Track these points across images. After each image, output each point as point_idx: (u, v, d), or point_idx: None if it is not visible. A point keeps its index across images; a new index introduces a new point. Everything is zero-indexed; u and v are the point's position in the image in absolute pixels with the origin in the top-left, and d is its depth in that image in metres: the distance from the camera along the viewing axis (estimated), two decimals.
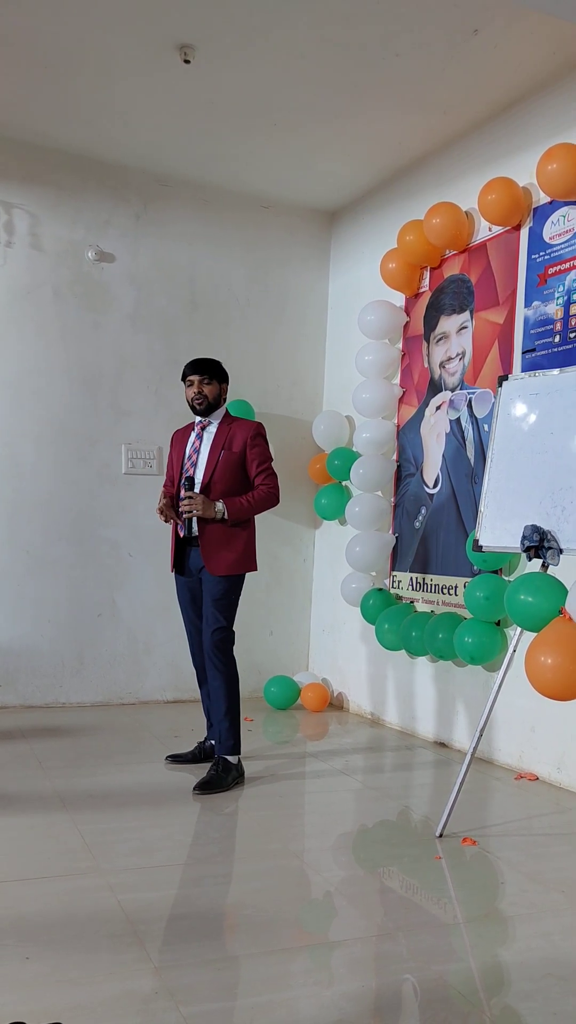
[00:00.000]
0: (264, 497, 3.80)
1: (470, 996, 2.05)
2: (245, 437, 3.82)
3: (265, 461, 3.85)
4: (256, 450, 3.83)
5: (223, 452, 3.80)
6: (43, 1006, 1.90)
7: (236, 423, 3.89)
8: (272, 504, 3.83)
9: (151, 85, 4.28)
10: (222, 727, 3.71)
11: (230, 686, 3.74)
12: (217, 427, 3.87)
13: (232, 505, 3.72)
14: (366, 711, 5.21)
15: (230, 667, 3.75)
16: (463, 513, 4.45)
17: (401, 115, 4.46)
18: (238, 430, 3.84)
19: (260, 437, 3.87)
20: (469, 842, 3.07)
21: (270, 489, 3.81)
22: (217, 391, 3.87)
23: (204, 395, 3.84)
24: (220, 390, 3.88)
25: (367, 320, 5.01)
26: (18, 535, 5.02)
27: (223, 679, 3.73)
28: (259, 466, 3.82)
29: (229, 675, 3.74)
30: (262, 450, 3.86)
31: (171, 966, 2.11)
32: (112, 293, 5.26)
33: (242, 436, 3.82)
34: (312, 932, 2.39)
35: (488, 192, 4.13)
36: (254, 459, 3.82)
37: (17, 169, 5.01)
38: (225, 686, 3.73)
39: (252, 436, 3.83)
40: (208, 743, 3.94)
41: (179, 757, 3.95)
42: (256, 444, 3.84)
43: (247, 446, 3.81)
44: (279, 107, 4.44)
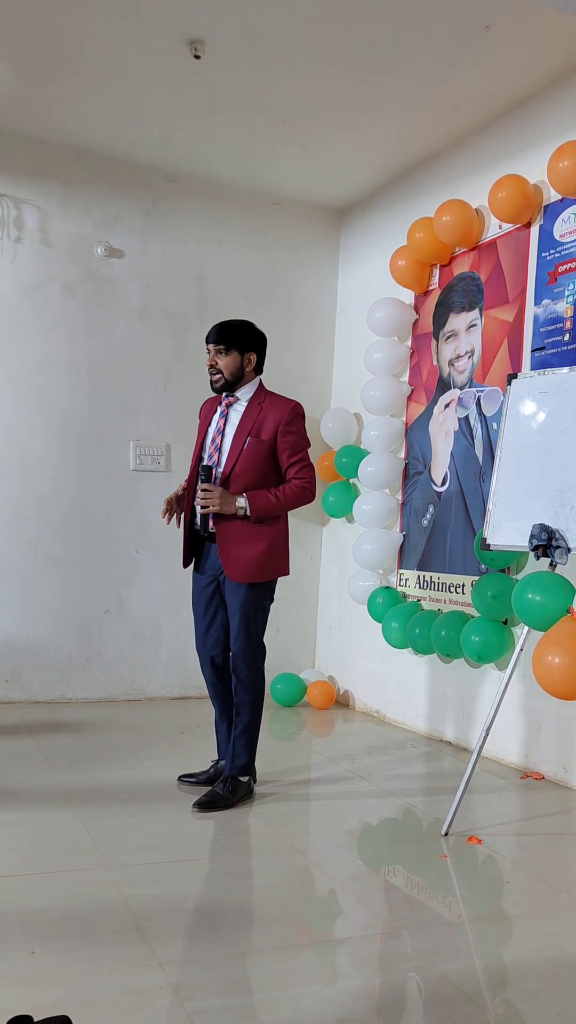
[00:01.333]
0: (296, 494, 3.24)
1: (474, 995, 2.04)
2: (278, 421, 3.22)
3: (300, 450, 3.26)
4: (290, 437, 3.23)
5: (249, 439, 3.22)
6: (48, 1000, 1.90)
7: (269, 401, 3.28)
8: (306, 501, 3.28)
9: (161, 80, 4.28)
10: (237, 743, 3.36)
11: (257, 703, 3.38)
12: (246, 406, 3.28)
13: (257, 501, 3.18)
14: (372, 709, 5.21)
15: (258, 683, 3.38)
16: (471, 511, 4.44)
17: (411, 112, 4.45)
18: (271, 411, 3.24)
19: (298, 420, 3.27)
20: (474, 841, 3.06)
21: (303, 484, 3.25)
22: (238, 363, 3.25)
23: (219, 369, 3.25)
24: (243, 361, 3.26)
25: (376, 317, 5.00)
26: (25, 531, 5.03)
27: (248, 696, 3.36)
28: (291, 456, 3.24)
29: (256, 692, 3.38)
30: (297, 437, 3.25)
31: (176, 962, 2.11)
32: (121, 289, 5.26)
33: (274, 420, 3.23)
34: (317, 929, 2.39)
35: (498, 190, 4.11)
36: (286, 448, 3.24)
37: (26, 164, 5.02)
38: (249, 704, 3.37)
39: (287, 421, 3.23)
40: (221, 763, 3.56)
41: (191, 777, 3.56)
42: (291, 431, 3.24)
43: (279, 432, 3.22)
44: (289, 103, 4.43)
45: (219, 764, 3.57)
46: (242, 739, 3.38)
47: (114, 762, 3.77)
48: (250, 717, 3.38)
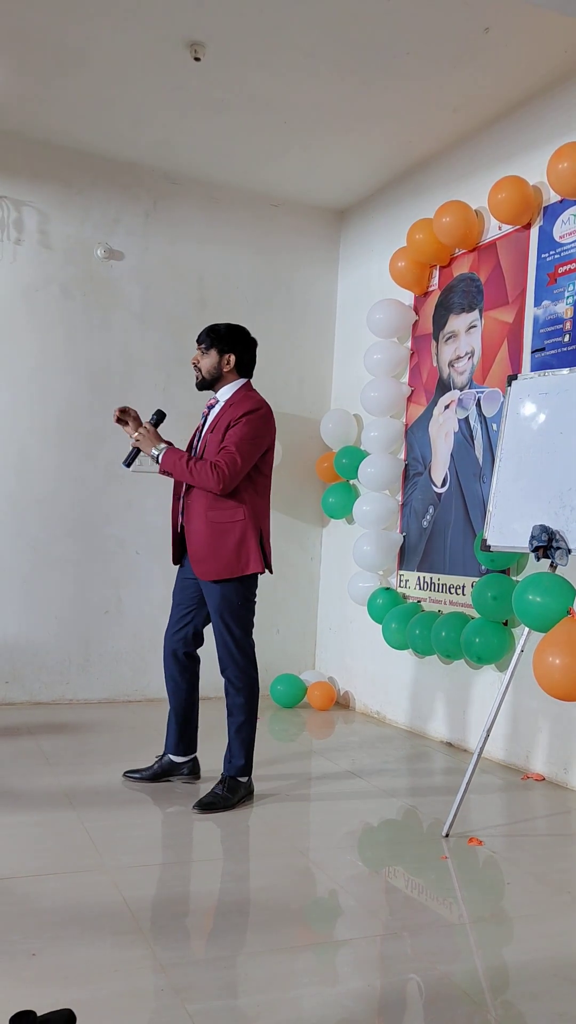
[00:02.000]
0: (204, 470, 3.18)
1: (475, 996, 2.04)
2: (232, 417, 3.26)
3: (232, 443, 3.20)
4: (234, 429, 3.22)
5: (210, 435, 3.30)
6: (49, 1002, 1.90)
7: (238, 402, 3.30)
8: (208, 483, 3.19)
9: (161, 83, 4.28)
10: (233, 744, 3.36)
11: (249, 703, 3.36)
12: (222, 406, 3.34)
13: (170, 455, 3.24)
14: (372, 710, 5.20)
15: (248, 684, 3.36)
16: (471, 512, 4.44)
17: (411, 113, 4.45)
18: (234, 409, 3.28)
19: (247, 416, 3.24)
20: (475, 842, 3.06)
21: (217, 466, 3.17)
22: (216, 362, 3.32)
23: (197, 368, 3.36)
24: (221, 361, 3.33)
25: (376, 319, 5.01)
26: (25, 532, 5.03)
27: (242, 698, 3.35)
28: (224, 443, 3.22)
29: (248, 693, 3.36)
30: (238, 431, 3.22)
31: (176, 963, 2.11)
32: (120, 291, 5.27)
33: (230, 416, 3.27)
34: (317, 931, 2.39)
35: (498, 191, 4.11)
36: (227, 439, 3.23)
37: (26, 166, 5.02)
38: (244, 704, 3.35)
39: (237, 418, 3.24)
40: (165, 758, 3.58)
41: (136, 773, 3.58)
42: (237, 424, 3.23)
43: (229, 426, 3.25)
44: (289, 105, 4.44)
45: (163, 759, 3.58)
46: (237, 740, 3.36)
47: (115, 763, 3.77)
48: (244, 717, 3.36)
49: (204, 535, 3.27)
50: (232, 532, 3.27)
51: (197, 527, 3.30)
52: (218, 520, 3.27)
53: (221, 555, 3.26)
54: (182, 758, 3.59)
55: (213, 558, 3.27)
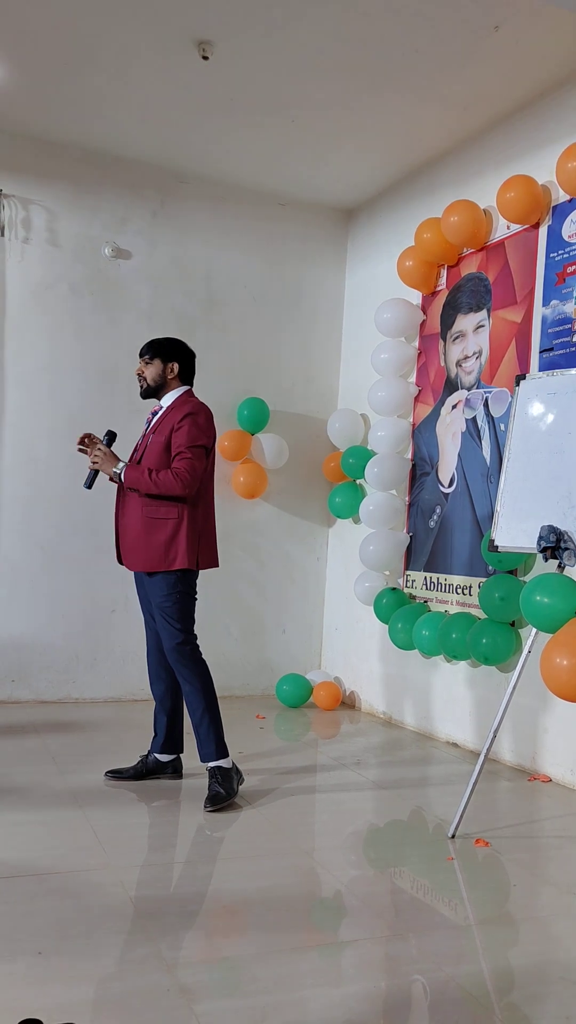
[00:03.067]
0: (167, 478, 3.32)
1: (481, 999, 2.04)
2: (173, 420, 3.40)
3: (183, 446, 3.35)
4: (179, 433, 3.37)
5: (152, 436, 3.46)
6: (55, 1002, 1.90)
7: (180, 406, 3.46)
8: (175, 489, 3.32)
9: (169, 81, 4.28)
10: (199, 732, 3.42)
11: (203, 690, 3.41)
12: (164, 411, 3.50)
13: (132, 470, 3.36)
14: (378, 710, 5.20)
15: (197, 670, 3.42)
16: (478, 513, 4.43)
17: (420, 112, 4.44)
18: (175, 413, 3.43)
19: (188, 418, 3.38)
20: (482, 843, 3.05)
21: (178, 473, 3.32)
22: (159, 371, 3.49)
23: (143, 376, 3.52)
24: (164, 370, 3.50)
25: (383, 318, 5.00)
26: (33, 531, 5.04)
27: (192, 684, 3.41)
28: (176, 449, 3.36)
29: (199, 678, 3.42)
30: (185, 432, 3.36)
31: (183, 963, 2.11)
32: (128, 290, 5.27)
33: (171, 420, 3.41)
34: (323, 931, 2.39)
35: (507, 190, 4.10)
36: (175, 443, 3.37)
37: (35, 165, 5.03)
38: (197, 691, 3.41)
39: (179, 419, 3.38)
40: (151, 757, 3.65)
41: (120, 773, 3.62)
42: (181, 426, 3.37)
43: (172, 430, 3.39)
44: (297, 104, 4.43)
45: (149, 758, 3.65)
46: (202, 727, 3.42)
47: (121, 762, 3.77)
48: (203, 703, 3.41)
49: (137, 529, 3.42)
50: (164, 528, 3.40)
51: (132, 522, 3.44)
52: (153, 516, 3.40)
53: (150, 548, 3.40)
54: (168, 756, 3.67)
55: (143, 549, 3.41)
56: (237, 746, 4.14)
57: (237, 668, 5.50)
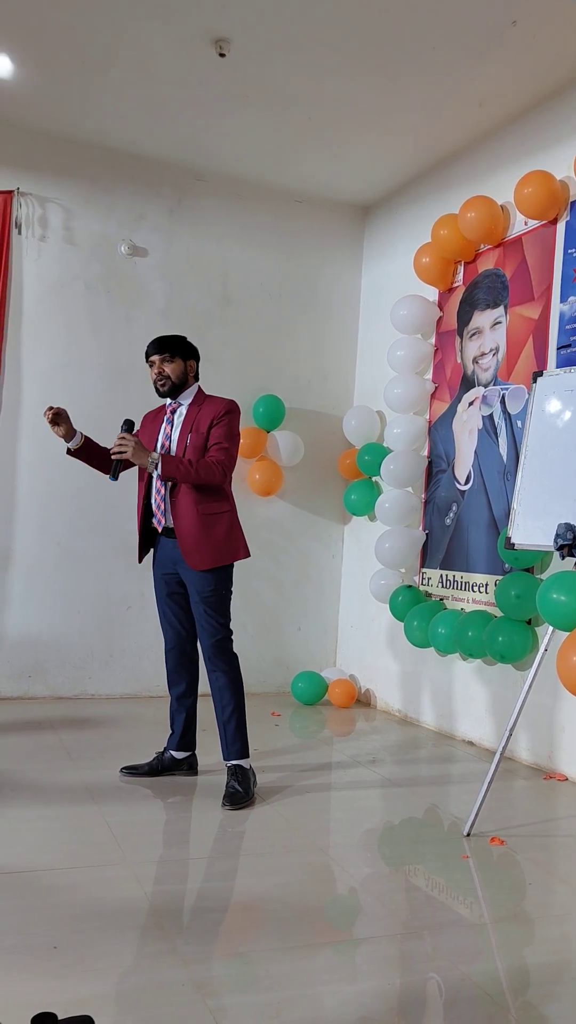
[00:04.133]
0: (206, 466, 3.35)
1: (496, 997, 2.03)
2: (213, 416, 3.46)
3: (222, 439, 3.44)
4: (219, 428, 3.44)
5: (191, 436, 3.46)
6: (70, 996, 1.91)
7: (208, 402, 3.53)
8: (213, 478, 3.36)
9: (186, 79, 4.28)
10: (228, 729, 3.45)
11: (235, 686, 3.47)
12: (187, 409, 3.53)
13: (169, 461, 3.31)
14: (394, 708, 5.19)
15: (233, 665, 3.48)
16: (495, 510, 4.41)
17: (436, 108, 4.42)
18: (208, 409, 3.49)
19: (228, 415, 3.47)
20: (497, 842, 3.04)
21: (216, 461, 3.37)
22: (182, 369, 3.53)
23: (166, 375, 3.52)
24: (186, 368, 3.54)
25: (400, 315, 4.98)
26: (49, 528, 5.06)
27: (227, 679, 3.46)
28: (215, 441, 3.43)
29: (233, 675, 3.48)
30: (224, 428, 3.45)
31: (197, 959, 2.11)
32: (144, 287, 5.28)
33: (209, 415, 3.46)
34: (337, 928, 2.38)
35: (524, 185, 4.08)
36: (213, 436, 3.44)
37: (51, 163, 5.04)
38: (231, 686, 3.46)
39: (219, 414, 3.46)
40: (167, 754, 3.67)
41: (135, 769, 3.63)
42: (221, 422, 3.45)
43: (212, 425, 3.45)
44: (313, 100, 4.42)
45: (164, 755, 3.66)
46: (231, 724, 3.45)
47: (136, 758, 3.78)
48: (234, 701, 3.45)
49: (196, 528, 3.40)
50: (221, 522, 3.45)
51: (189, 522, 3.41)
52: (208, 512, 3.42)
53: (213, 544, 3.42)
54: (184, 754, 3.68)
55: (206, 547, 3.41)
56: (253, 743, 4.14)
57: (253, 665, 5.49)
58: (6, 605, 4.98)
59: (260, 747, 4.13)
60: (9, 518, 4.99)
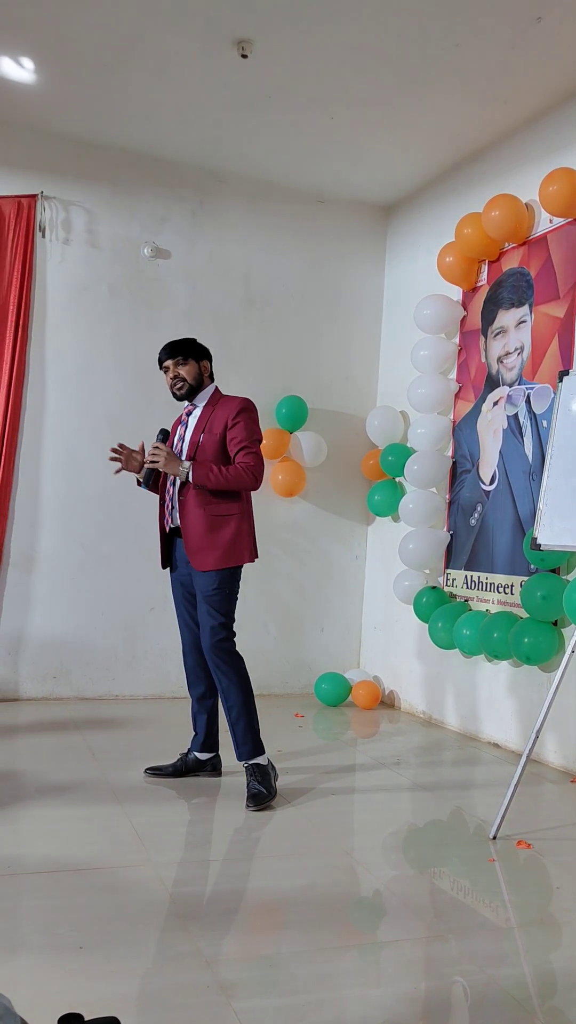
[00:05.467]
0: (238, 473, 3.35)
1: (523, 1001, 2.01)
2: (227, 416, 3.43)
3: (245, 440, 3.40)
4: (237, 428, 3.41)
5: (203, 436, 3.44)
6: (96, 996, 1.91)
7: (222, 402, 3.50)
8: (247, 484, 3.37)
9: (208, 80, 4.29)
10: (236, 730, 3.41)
11: (240, 685, 3.41)
12: (202, 410, 3.52)
13: (200, 467, 3.33)
14: (418, 710, 5.16)
15: (236, 665, 3.43)
16: (520, 511, 4.38)
17: (460, 106, 4.40)
18: (222, 409, 3.46)
19: (244, 413, 3.44)
20: (524, 845, 3.01)
21: (247, 467, 3.36)
22: (196, 371, 3.52)
23: (182, 378, 3.51)
24: (200, 369, 3.54)
25: (423, 314, 4.96)
26: (73, 529, 5.08)
27: (230, 679, 3.41)
28: (239, 444, 3.39)
29: (237, 674, 3.42)
30: (243, 427, 3.41)
31: (222, 961, 2.11)
32: (167, 289, 5.29)
33: (224, 416, 3.44)
34: (362, 931, 2.37)
35: (549, 183, 4.04)
36: (234, 438, 3.40)
37: (74, 166, 5.07)
38: (235, 687, 3.40)
39: (234, 414, 3.42)
40: (191, 756, 3.66)
41: (159, 770, 3.63)
42: (237, 421, 3.41)
43: (228, 425, 3.42)
44: (336, 101, 4.41)
45: (188, 756, 3.66)
46: (240, 724, 3.41)
47: (160, 759, 3.78)
48: (240, 698, 3.41)
49: (202, 528, 3.39)
50: (228, 524, 3.42)
51: (194, 521, 3.40)
52: (216, 513, 3.41)
53: (218, 546, 3.40)
54: (207, 755, 3.67)
55: (210, 548, 3.40)
56: (276, 744, 4.14)
57: (275, 666, 5.50)
58: (31, 607, 5.01)
59: (284, 748, 4.12)
60: (33, 521, 5.02)
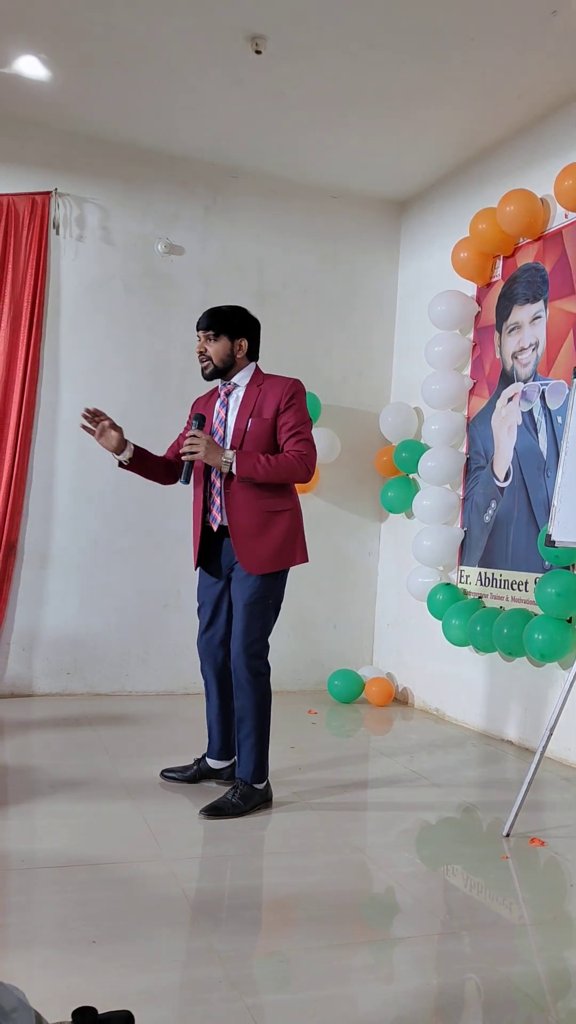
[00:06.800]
0: (290, 462, 3.03)
1: (536, 999, 2.00)
2: (278, 399, 3.09)
3: (298, 425, 3.08)
4: (289, 412, 3.08)
5: (251, 420, 3.10)
6: (108, 990, 1.91)
7: (268, 382, 3.16)
8: (299, 475, 3.05)
9: (221, 77, 4.28)
10: (244, 747, 3.17)
11: (260, 706, 3.16)
12: (245, 390, 3.17)
13: (245, 458, 3.00)
14: (431, 707, 5.15)
15: (262, 684, 3.16)
16: (534, 507, 4.36)
17: (474, 101, 4.37)
18: (270, 390, 3.12)
19: (297, 396, 3.11)
20: (537, 842, 3.00)
21: (300, 456, 3.04)
22: (228, 349, 3.15)
23: (207, 356, 3.16)
24: (232, 347, 3.15)
25: (438, 310, 4.94)
26: (86, 526, 5.10)
27: (253, 699, 3.15)
28: (291, 430, 3.07)
29: (261, 693, 3.16)
30: (296, 413, 3.09)
31: (234, 956, 2.11)
32: (181, 286, 5.29)
33: (275, 398, 3.10)
34: (375, 928, 2.36)
35: (565, 178, 4.02)
36: (285, 423, 3.07)
37: (88, 163, 5.08)
38: (254, 706, 3.15)
39: (287, 397, 3.09)
40: (204, 762, 3.47)
41: (173, 773, 3.47)
42: (290, 406, 3.08)
43: (279, 409, 3.09)
44: (350, 96, 4.40)
45: (203, 763, 3.46)
46: (247, 744, 3.18)
47: (173, 755, 3.79)
48: (255, 721, 3.16)
49: (254, 525, 3.09)
50: (282, 521, 3.13)
51: (245, 519, 3.09)
52: (271, 508, 3.11)
53: (273, 544, 3.10)
54: (224, 763, 3.48)
55: (263, 549, 3.09)
56: (288, 741, 4.15)
57: (288, 663, 5.50)
58: (44, 603, 5.02)
59: (296, 745, 4.12)
60: (47, 517, 5.04)
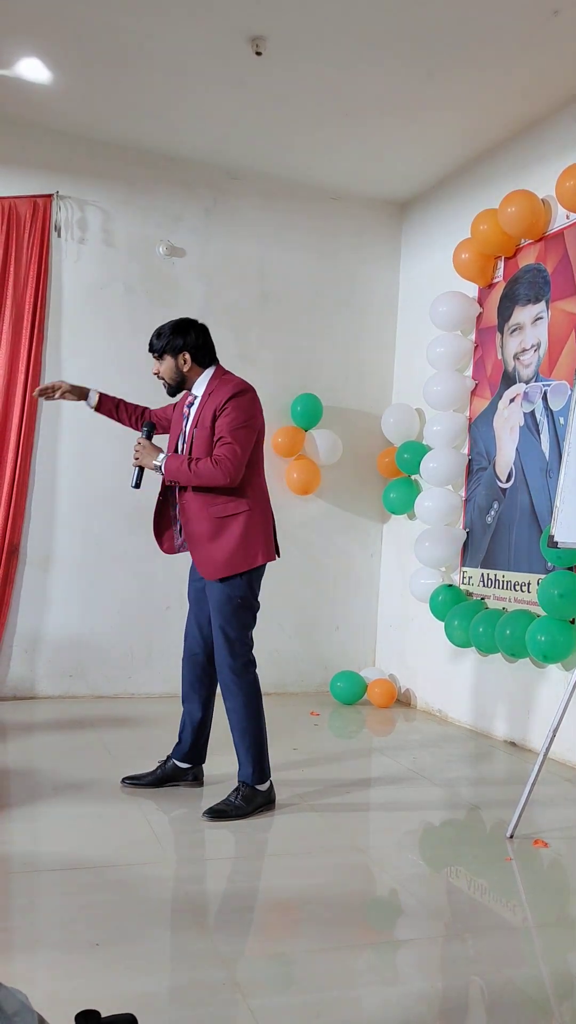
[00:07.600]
0: (207, 468, 3.03)
1: (540, 1002, 2.00)
2: (215, 406, 3.09)
3: (226, 431, 3.06)
4: (222, 418, 3.07)
5: (196, 431, 3.14)
6: (111, 993, 1.91)
7: (218, 389, 3.14)
8: (217, 479, 3.04)
9: (222, 78, 4.28)
10: (240, 751, 3.17)
11: (248, 707, 3.15)
12: (200, 399, 3.18)
13: (172, 462, 3.07)
14: (434, 708, 5.14)
15: (246, 683, 3.15)
16: (537, 508, 4.35)
17: (476, 101, 4.37)
18: (213, 398, 3.13)
19: (232, 400, 3.08)
20: (541, 844, 3.00)
21: (216, 461, 3.03)
22: (173, 366, 3.19)
23: (161, 378, 3.25)
24: (177, 363, 3.18)
25: (439, 311, 4.94)
26: (89, 528, 5.10)
27: (238, 701, 3.14)
28: (219, 436, 3.07)
29: (247, 693, 3.15)
30: (229, 418, 3.06)
31: (237, 958, 2.11)
32: (182, 288, 5.30)
33: (213, 406, 3.11)
34: (378, 930, 2.36)
35: (567, 178, 4.01)
36: (218, 429, 3.08)
37: (89, 166, 5.08)
38: (243, 707, 3.14)
39: (222, 404, 3.08)
40: (170, 763, 3.41)
41: (137, 780, 3.39)
42: (225, 410, 3.07)
43: (215, 416, 3.09)
44: (351, 97, 4.40)
45: (168, 764, 3.42)
46: (242, 747, 3.17)
47: None
48: (245, 722, 3.15)
49: (206, 532, 3.13)
50: (235, 525, 3.12)
51: (198, 526, 3.15)
52: (222, 514, 3.12)
53: (226, 550, 3.10)
54: (189, 765, 3.43)
55: (219, 555, 3.11)
56: (291, 743, 4.15)
57: (291, 665, 5.50)
58: (47, 606, 5.02)
59: (299, 747, 4.12)
60: (50, 519, 5.04)
